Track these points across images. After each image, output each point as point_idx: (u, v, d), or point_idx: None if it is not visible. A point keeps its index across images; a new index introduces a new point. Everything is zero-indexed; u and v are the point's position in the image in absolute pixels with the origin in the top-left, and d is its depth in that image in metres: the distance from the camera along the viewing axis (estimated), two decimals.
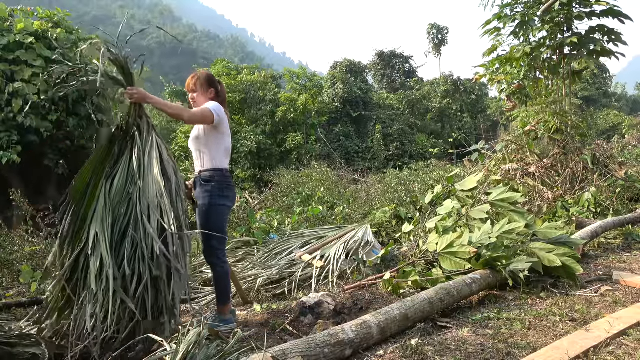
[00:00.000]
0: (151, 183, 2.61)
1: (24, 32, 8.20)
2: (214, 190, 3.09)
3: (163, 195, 2.58)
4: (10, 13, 8.73)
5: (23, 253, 4.71)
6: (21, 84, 7.93)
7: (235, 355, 2.02)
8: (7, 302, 3.69)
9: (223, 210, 3.12)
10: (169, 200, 2.60)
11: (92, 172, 2.72)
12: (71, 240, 2.60)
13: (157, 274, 2.43)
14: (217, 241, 3.10)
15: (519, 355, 2.35)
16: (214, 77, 3.36)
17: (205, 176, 3.13)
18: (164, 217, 2.53)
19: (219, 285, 3.14)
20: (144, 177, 2.62)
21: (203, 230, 3.08)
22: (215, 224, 3.08)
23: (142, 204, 2.55)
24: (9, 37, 8.05)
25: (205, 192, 3.10)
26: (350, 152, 25.95)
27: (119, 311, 2.30)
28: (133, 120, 2.76)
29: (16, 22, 8.28)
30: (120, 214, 2.57)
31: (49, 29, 8.72)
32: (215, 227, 3.07)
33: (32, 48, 8.22)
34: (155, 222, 2.51)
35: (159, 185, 2.60)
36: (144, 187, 2.59)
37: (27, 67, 8.15)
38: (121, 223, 2.55)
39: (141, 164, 2.64)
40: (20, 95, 7.88)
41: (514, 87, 9.69)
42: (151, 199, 2.56)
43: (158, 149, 2.73)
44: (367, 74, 31.51)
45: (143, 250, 2.44)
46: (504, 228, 3.91)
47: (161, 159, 2.71)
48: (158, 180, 2.62)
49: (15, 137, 7.75)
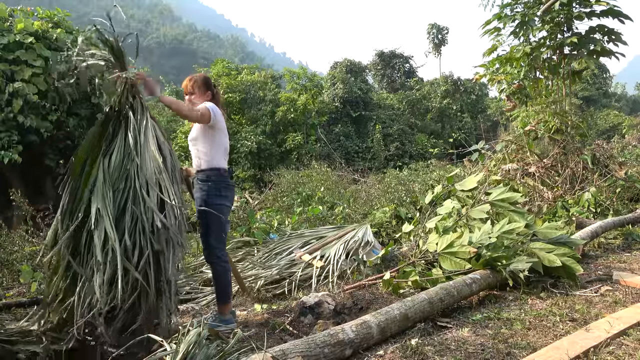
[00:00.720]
0: (148, 160, 2.65)
1: (24, 32, 8.19)
2: (210, 189, 3.11)
3: (162, 172, 2.62)
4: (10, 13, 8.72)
5: (23, 253, 4.71)
6: (21, 84, 7.92)
7: (235, 355, 2.02)
8: (7, 302, 3.69)
9: (221, 209, 3.12)
10: (167, 176, 2.64)
11: (89, 150, 2.75)
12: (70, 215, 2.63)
13: (158, 248, 2.46)
14: (215, 240, 3.11)
15: (519, 355, 2.36)
16: (211, 80, 3.41)
17: (203, 176, 3.15)
18: (164, 192, 2.57)
19: (218, 284, 3.14)
20: (141, 154, 2.65)
21: (203, 229, 3.11)
22: (213, 223, 3.09)
23: (141, 180, 2.58)
24: (9, 37, 8.04)
25: (202, 192, 3.13)
26: (350, 152, 25.94)
27: (122, 284, 2.32)
28: (125, 100, 2.77)
29: (16, 22, 8.27)
30: (119, 189, 2.60)
31: (49, 29, 8.71)
32: (213, 226, 3.09)
33: (32, 48, 8.21)
34: (155, 197, 2.55)
35: (156, 162, 2.64)
36: (141, 163, 2.62)
37: (27, 67, 8.14)
38: (120, 198, 2.58)
39: (137, 142, 2.68)
40: (20, 95, 7.87)
41: (514, 87, 9.70)
42: (149, 175, 2.60)
43: (153, 129, 2.76)
44: (367, 74, 31.48)
45: (143, 224, 2.47)
46: (504, 228, 3.91)
47: (157, 139, 2.74)
48: (156, 157, 2.65)
49: (15, 137, 7.75)
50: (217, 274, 3.14)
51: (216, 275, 3.14)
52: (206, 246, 3.15)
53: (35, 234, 5.02)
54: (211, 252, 3.12)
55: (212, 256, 3.13)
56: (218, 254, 3.13)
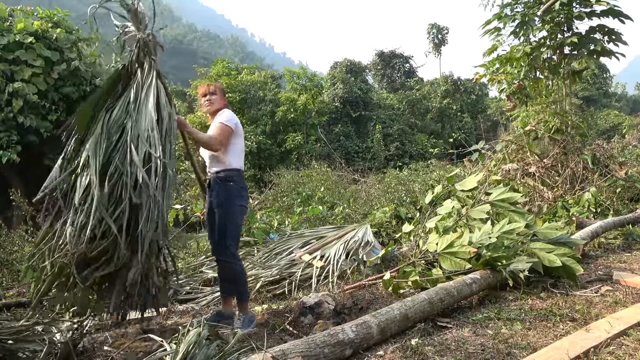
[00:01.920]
0: (144, 115, 2.69)
1: (24, 32, 8.19)
2: (232, 190, 3.12)
3: (154, 129, 2.64)
4: (10, 13, 8.72)
5: (23, 253, 4.70)
6: (21, 83, 7.92)
7: (235, 355, 2.02)
8: (7, 302, 3.69)
9: (242, 210, 3.19)
10: (159, 135, 2.66)
11: (95, 105, 2.83)
12: (69, 162, 2.70)
13: (136, 201, 2.46)
14: (232, 240, 3.14)
15: (519, 355, 2.35)
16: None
17: (223, 176, 3.14)
18: (152, 148, 2.59)
19: (239, 283, 3.16)
20: (138, 109, 2.71)
21: (219, 228, 3.12)
22: (232, 223, 3.12)
23: (133, 134, 2.62)
24: (8, 37, 8.04)
25: (225, 192, 3.12)
26: (350, 152, 25.93)
27: (92, 228, 2.37)
28: (136, 59, 2.86)
29: (16, 22, 8.27)
30: (112, 141, 2.65)
31: (48, 29, 8.71)
32: (231, 226, 3.12)
33: (32, 48, 8.21)
34: (143, 153, 2.57)
35: (150, 118, 2.67)
36: (137, 118, 2.68)
37: (27, 67, 8.15)
38: (112, 150, 2.63)
39: (137, 98, 2.74)
40: (20, 95, 7.87)
41: (514, 87, 9.69)
42: (142, 130, 2.64)
43: (156, 89, 2.80)
44: (367, 74, 31.47)
45: (127, 177, 2.51)
46: (504, 228, 3.91)
47: (158, 99, 2.78)
48: (151, 114, 2.69)
49: (15, 137, 7.75)
50: (236, 273, 3.15)
51: (236, 274, 3.15)
52: (223, 246, 3.13)
53: (35, 234, 5.01)
54: (225, 251, 3.13)
55: (226, 255, 3.14)
56: (235, 253, 3.16)
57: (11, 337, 2.32)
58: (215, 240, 3.21)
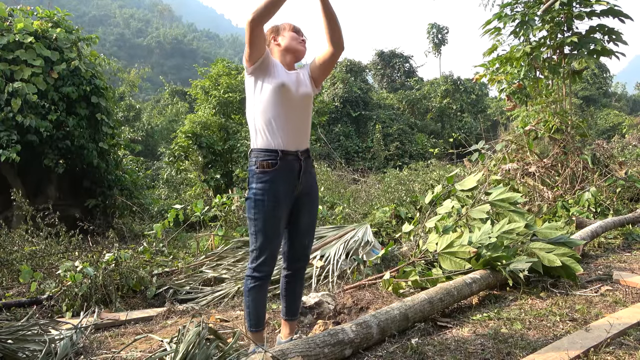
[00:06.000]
0: None
1: (24, 32, 8.18)
2: (315, 173, 2.47)
3: None
4: (10, 12, 8.71)
5: (23, 253, 4.70)
6: (20, 83, 7.92)
7: (235, 355, 2.02)
8: (7, 302, 3.69)
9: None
10: None
11: None
12: None
13: None
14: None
15: (519, 355, 2.35)
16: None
17: (307, 156, 2.37)
18: None
19: (301, 292, 2.60)
20: None
21: (313, 223, 2.48)
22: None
23: None
24: (8, 36, 8.04)
25: (313, 177, 2.42)
26: (350, 151, 25.92)
27: None
28: None
29: (16, 22, 8.27)
30: None
31: (48, 29, 8.71)
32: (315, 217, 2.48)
33: (32, 48, 8.21)
34: None
35: None
36: None
37: (26, 67, 8.14)
38: None
39: None
40: (20, 95, 7.87)
41: (514, 86, 9.68)
42: None
43: None
44: (367, 73, 31.48)
45: None
46: (504, 228, 3.91)
47: None
48: None
49: (14, 137, 7.74)
50: (302, 280, 2.56)
51: (302, 281, 2.56)
52: (309, 245, 2.49)
53: (35, 234, 5.01)
54: (309, 252, 2.54)
55: (308, 257, 2.54)
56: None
57: (11, 337, 2.31)
58: (303, 241, 2.45)
